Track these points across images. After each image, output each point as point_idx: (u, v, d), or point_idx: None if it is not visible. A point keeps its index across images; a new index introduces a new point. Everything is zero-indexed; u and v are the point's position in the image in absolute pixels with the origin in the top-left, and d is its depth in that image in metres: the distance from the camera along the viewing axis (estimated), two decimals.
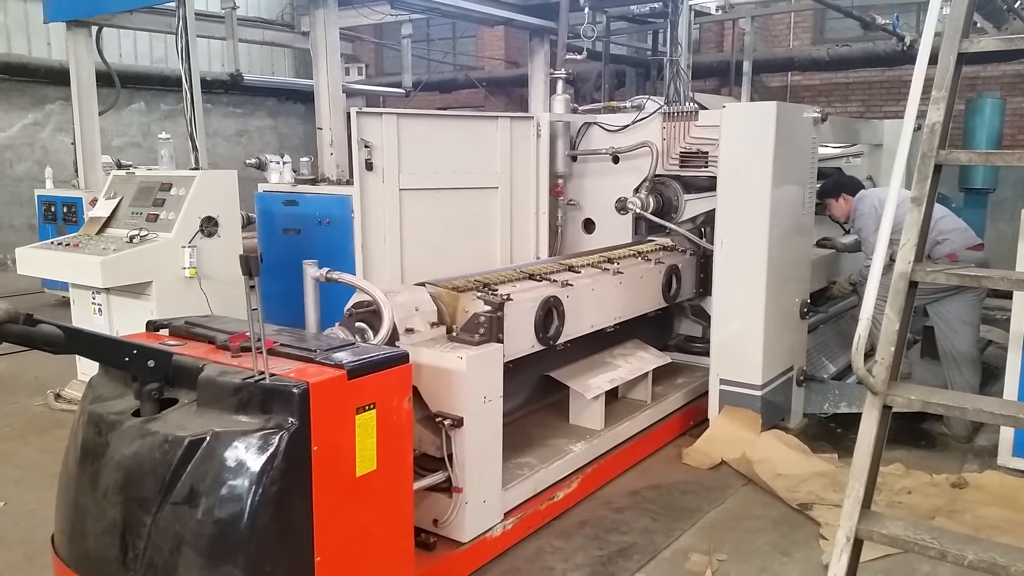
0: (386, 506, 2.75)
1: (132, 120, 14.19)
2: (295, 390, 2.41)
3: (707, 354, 5.52)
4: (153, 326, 3.07)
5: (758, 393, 4.84)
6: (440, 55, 15.59)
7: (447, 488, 3.46)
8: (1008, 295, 5.30)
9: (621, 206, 5.45)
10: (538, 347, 4.05)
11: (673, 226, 5.43)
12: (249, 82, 12.71)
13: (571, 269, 4.47)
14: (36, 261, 5.26)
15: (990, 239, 6.07)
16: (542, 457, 4.20)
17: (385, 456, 2.69)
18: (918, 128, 2.66)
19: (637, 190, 5.41)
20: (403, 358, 2.79)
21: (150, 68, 14.11)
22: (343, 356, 2.66)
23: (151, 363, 2.58)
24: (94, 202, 5.89)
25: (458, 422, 3.37)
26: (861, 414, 2.57)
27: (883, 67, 11.18)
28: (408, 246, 4.90)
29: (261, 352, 2.45)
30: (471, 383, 3.41)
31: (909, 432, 5.01)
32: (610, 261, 4.76)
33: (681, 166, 5.32)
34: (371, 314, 3.45)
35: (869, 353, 2.56)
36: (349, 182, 5.08)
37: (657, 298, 5.13)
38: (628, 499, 4.29)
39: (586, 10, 7.28)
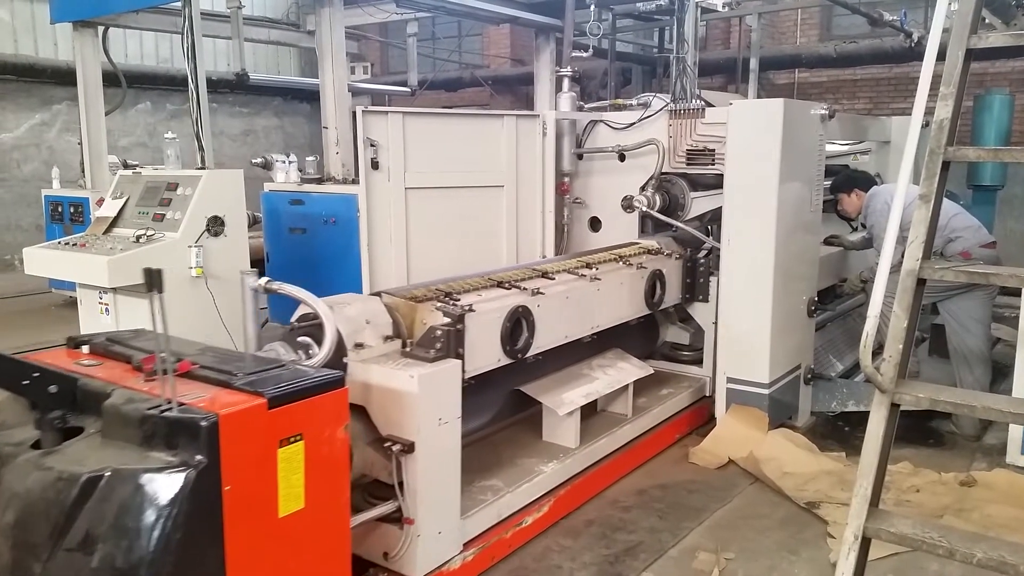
0: (317, 547, 2.47)
1: (138, 120, 14.23)
2: (203, 423, 2.12)
3: (695, 363, 5.49)
4: (74, 342, 2.81)
5: (765, 391, 4.83)
6: (446, 53, 15.59)
7: (398, 519, 3.18)
8: (1017, 293, 5.27)
9: (627, 204, 5.43)
10: (505, 361, 3.77)
11: (680, 224, 5.41)
12: (255, 81, 12.77)
13: (545, 275, 4.18)
14: (43, 261, 5.27)
15: (999, 236, 6.03)
16: (510, 479, 3.89)
17: (316, 492, 2.41)
18: (926, 125, 2.64)
19: (643, 188, 5.39)
20: (337, 382, 2.50)
21: (156, 68, 14.15)
22: (267, 381, 2.37)
23: (53, 388, 2.29)
24: (101, 202, 5.90)
25: (409, 447, 3.08)
26: (869, 412, 2.56)
27: (891, 64, 11.13)
28: (414, 245, 4.90)
29: (168, 378, 2.17)
30: (423, 404, 3.11)
31: (917, 430, 4.99)
32: (588, 266, 4.47)
33: (688, 164, 5.31)
34: (318, 328, 3.12)
35: (877, 351, 2.54)
36: (355, 181, 5.08)
37: (639, 305, 4.84)
38: (635, 498, 4.28)
39: (592, 7, 7.27)
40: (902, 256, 2.62)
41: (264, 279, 3.20)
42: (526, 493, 3.85)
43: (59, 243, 5.32)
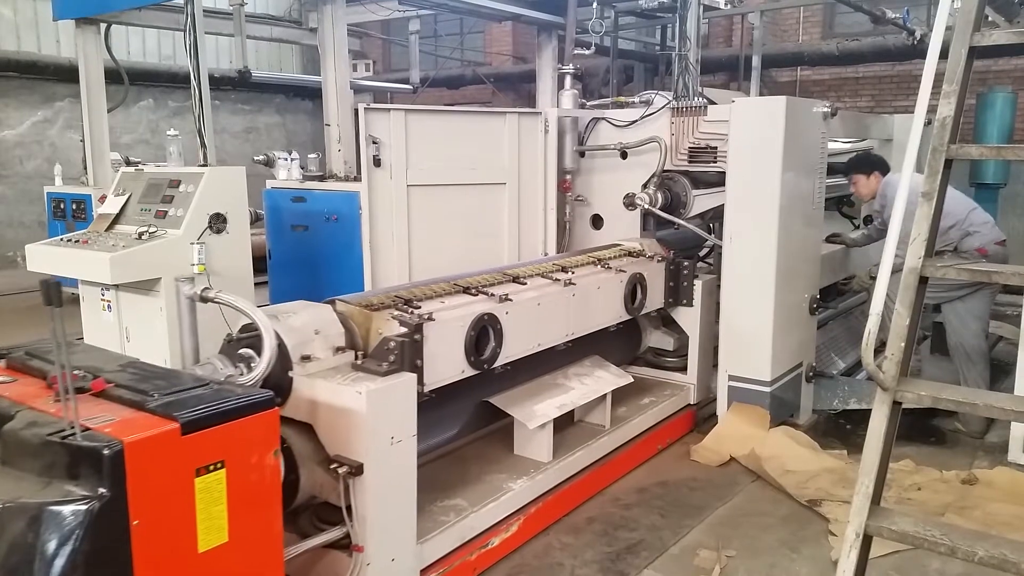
0: None
1: (141, 117, 14.24)
2: (105, 451, 1.92)
3: (679, 369, 5.33)
4: None
5: (767, 389, 4.83)
6: (448, 51, 15.58)
7: (347, 545, 2.97)
8: (1018, 291, 5.27)
9: (629, 202, 5.43)
10: (470, 372, 3.57)
11: (682, 222, 5.41)
12: (257, 79, 12.76)
13: (516, 280, 4.01)
14: (46, 258, 5.26)
15: None
16: (475, 498, 3.68)
17: (242, 524, 2.21)
18: (928, 123, 2.64)
19: (645, 186, 5.39)
20: (264, 403, 2.29)
21: (158, 65, 14.15)
22: (185, 403, 2.16)
23: None
24: (103, 199, 5.90)
25: (357, 469, 2.84)
26: (870, 410, 2.56)
27: (893, 61, 11.11)
28: (416, 242, 4.90)
29: (70, 399, 1.98)
30: (372, 422, 2.87)
31: (919, 429, 4.99)
32: (563, 270, 4.31)
33: (690, 161, 5.31)
34: (260, 339, 2.89)
35: (879, 349, 2.54)
36: (357, 178, 5.08)
37: (618, 310, 4.64)
38: (636, 496, 4.28)
39: (594, 5, 7.27)
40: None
41: (200, 287, 2.98)
42: (492, 513, 3.64)
43: (61, 240, 5.32)
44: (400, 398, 3.02)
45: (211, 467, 2.14)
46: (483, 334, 3.64)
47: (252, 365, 2.85)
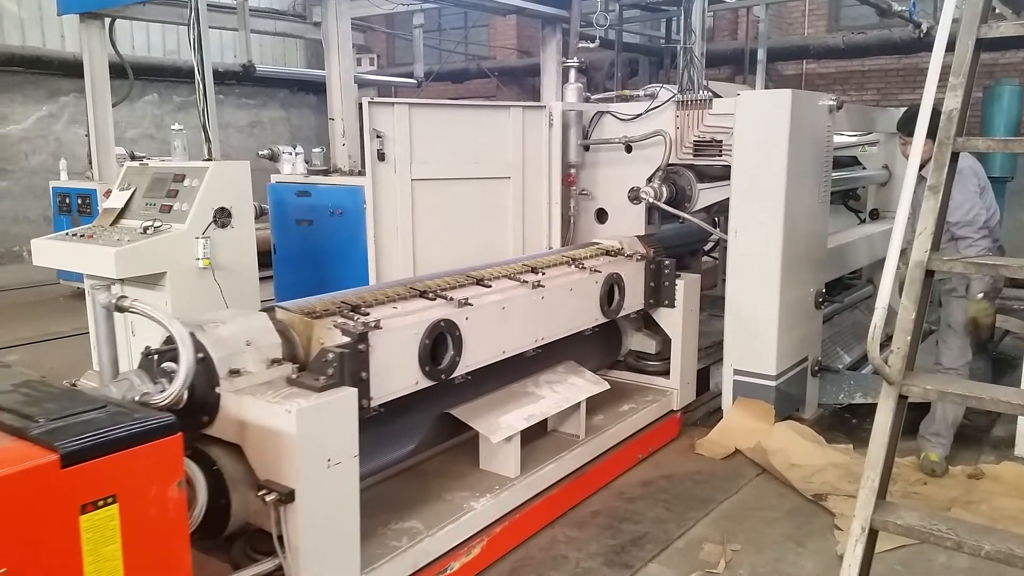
0: None
1: (145, 112, 14.26)
2: None
3: (662, 373, 5.06)
4: None
5: (772, 384, 4.82)
6: (452, 45, 15.56)
7: None
8: None
9: (634, 195, 5.42)
10: (426, 383, 3.31)
11: (687, 215, 5.40)
12: (261, 73, 12.76)
13: (480, 282, 3.75)
14: (51, 252, 5.28)
15: (1008, 228, 5.99)
16: (432, 519, 3.39)
17: (140, 565, 2.00)
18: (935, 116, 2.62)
19: (650, 179, 5.38)
20: (165, 429, 2.06)
21: (163, 60, 14.16)
22: (71, 429, 1.93)
23: None
24: (108, 193, 5.91)
25: (287, 496, 2.58)
26: (876, 404, 2.55)
27: (899, 55, 11.07)
28: (420, 236, 4.89)
29: None
30: (304, 444, 2.59)
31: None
32: (533, 271, 4.07)
33: (695, 155, 5.29)
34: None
35: (885, 343, 2.53)
36: (361, 173, 5.08)
37: (593, 313, 4.40)
38: (641, 489, 4.28)
39: None
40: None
41: (116, 295, 2.75)
42: (451, 535, 3.37)
43: (67, 234, 5.33)
44: (338, 416, 2.73)
45: (100, 502, 1.91)
46: (440, 342, 3.37)
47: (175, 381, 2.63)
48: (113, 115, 8.28)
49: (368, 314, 3.12)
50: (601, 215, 5.85)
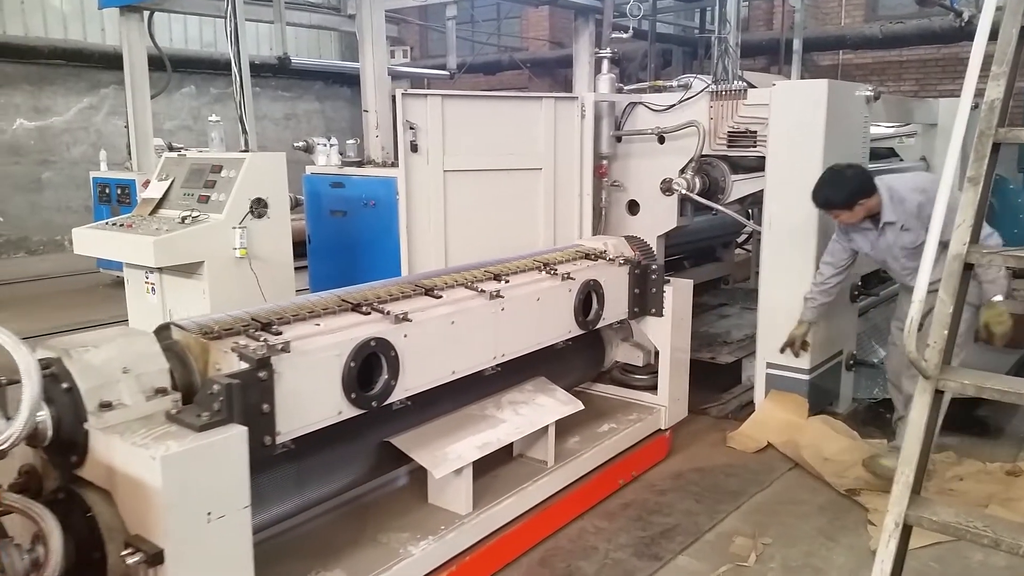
0: None
1: (183, 104, 14.47)
2: None
3: (650, 388, 4.62)
4: None
5: (806, 377, 4.78)
6: (484, 36, 15.57)
7: None
8: None
9: (667, 187, 5.39)
10: (352, 412, 2.86)
11: (720, 207, 5.36)
12: (297, 65, 12.89)
13: (429, 292, 3.31)
14: (91, 241, 5.40)
15: None
16: (361, 567, 2.93)
17: None
18: (975, 107, 2.58)
19: (683, 171, 5.35)
20: None
21: (200, 52, 14.37)
22: None
23: None
24: (147, 184, 6.02)
25: (154, 558, 2.12)
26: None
27: (939, 44, 10.87)
28: (452, 227, 4.92)
29: None
30: (174, 497, 2.12)
31: (963, 420, 4.89)
32: (496, 278, 3.62)
33: (729, 146, 5.25)
34: (53, 379, 2.28)
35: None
36: (394, 164, 5.11)
37: (566, 325, 3.93)
38: (671, 481, 4.28)
39: None
40: None
41: None
42: None
43: (106, 224, 5.44)
44: (221, 460, 2.24)
45: None
46: (371, 363, 2.93)
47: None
48: (151, 107, 8.46)
49: (281, 333, 2.71)
50: (633, 207, 5.83)
